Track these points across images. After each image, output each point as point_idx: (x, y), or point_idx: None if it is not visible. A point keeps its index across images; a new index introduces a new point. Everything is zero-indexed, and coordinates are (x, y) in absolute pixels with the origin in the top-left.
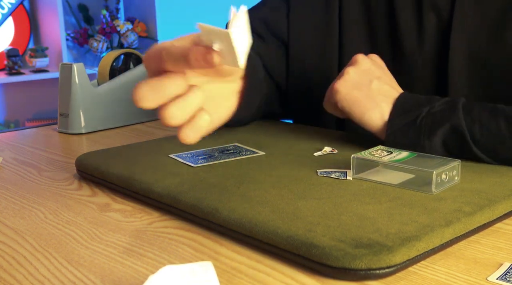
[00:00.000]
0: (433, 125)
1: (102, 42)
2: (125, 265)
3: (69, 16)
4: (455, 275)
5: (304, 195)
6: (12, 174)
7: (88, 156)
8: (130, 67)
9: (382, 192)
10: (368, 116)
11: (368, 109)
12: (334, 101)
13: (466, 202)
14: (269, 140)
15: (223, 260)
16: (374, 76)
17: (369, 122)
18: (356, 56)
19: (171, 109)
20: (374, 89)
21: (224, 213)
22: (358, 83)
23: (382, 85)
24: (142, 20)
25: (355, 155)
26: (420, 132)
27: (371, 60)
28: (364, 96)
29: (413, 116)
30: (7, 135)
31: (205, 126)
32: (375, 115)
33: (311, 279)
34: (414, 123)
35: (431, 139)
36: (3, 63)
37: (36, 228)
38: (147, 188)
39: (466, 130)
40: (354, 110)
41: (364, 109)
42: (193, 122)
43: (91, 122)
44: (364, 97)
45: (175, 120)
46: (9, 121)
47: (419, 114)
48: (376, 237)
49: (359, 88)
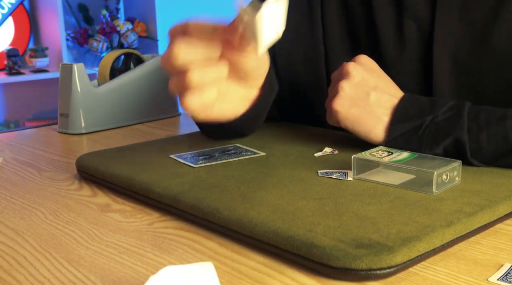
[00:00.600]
0: (436, 136)
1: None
2: (125, 265)
3: (69, 16)
4: (455, 276)
5: (305, 196)
6: (12, 174)
7: (89, 156)
8: (131, 67)
9: (382, 192)
10: (373, 134)
11: (373, 127)
12: (335, 120)
13: (466, 202)
14: (269, 141)
15: (224, 260)
16: (370, 87)
17: (375, 139)
18: (346, 66)
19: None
20: (373, 102)
21: (224, 213)
22: (355, 98)
23: (380, 96)
24: (142, 20)
25: (355, 156)
26: (422, 141)
27: (361, 66)
28: (364, 113)
29: (416, 123)
30: (7, 135)
31: (210, 101)
32: (379, 130)
33: (312, 279)
34: (416, 131)
35: (432, 149)
36: (3, 63)
37: (36, 229)
38: (148, 189)
39: (468, 145)
40: (359, 130)
41: (368, 128)
42: (201, 91)
43: (91, 122)
44: (364, 114)
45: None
46: (9, 121)
47: (422, 123)
48: (376, 237)
49: (358, 104)
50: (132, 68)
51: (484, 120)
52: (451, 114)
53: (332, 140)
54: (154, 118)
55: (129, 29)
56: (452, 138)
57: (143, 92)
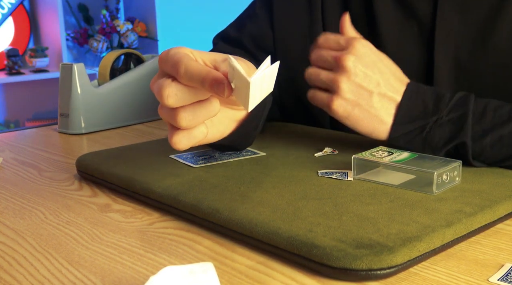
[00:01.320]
0: (439, 140)
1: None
2: (126, 265)
3: (69, 16)
4: (456, 276)
5: (305, 196)
6: (12, 174)
7: (89, 156)
8: (131, 67)
9: (383, 192)
10: (375, 134)
11: (375, 128)
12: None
13: (467, 202)
14: (269, 141)
15: (224, 260)
16: (373, 86)
17: (377, 137)
18: (345, 60)
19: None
20: (376, 103)
21: (224, 213)
22: (356, 99)
23: (383, 96)
24: (142, 20)
25: (356, 156)
26: (425, 143)
27: (361, 61)
28: (367, 114)
29: (420, 124)
30: (7, 135)
31: (200, 138)
32: (382, 130)
33: (312, 279)
34: (420, 132)
35: (435, 152)
36: (3, 63)
37: (36, 229)
38: (148, 189)
39: (471, 148)
40: (360, 129)
41: (371, 128)
42: (190, 131)
43: (91, 122)
44: (367, 116)
45: (184, 123)
46: (9, 121)
47: (425, 124)
48: (377, 237)
49: (359, 105)
50: (132, 68)
51: (489, 122)
52: (455, 116)
53: (332, 140)
54: (154, 118)
55: (129, 29)
56: (456, 142)
57: (143, 92)
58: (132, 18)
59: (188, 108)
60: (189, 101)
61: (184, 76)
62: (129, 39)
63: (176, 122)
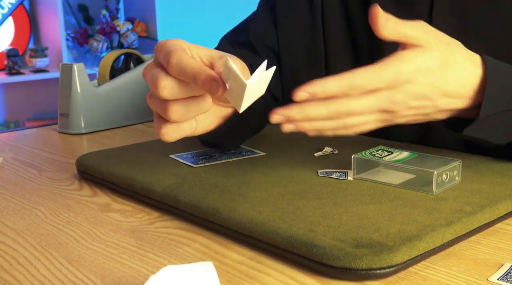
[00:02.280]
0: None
1: (102, 42)
2: (126, 265)
3: (69, 16)
4: (455, 275)
5: (305, 195)
6: (12, 174)
7: (89, 156)
8: (131, 68)
9: (382, 192)
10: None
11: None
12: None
13: (466, 202)
14: (269, 140)
15: (224, 260)
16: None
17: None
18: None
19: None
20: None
21: (224, 213)
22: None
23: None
24: (142, 20)
25: (355, 155)
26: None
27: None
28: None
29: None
30: (7, 135)
31: (189, 132)
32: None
33: (312, 279)
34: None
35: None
36: (3, 63)
37: (36, 228)
38: (148, 188)
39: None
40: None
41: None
42: (179, 125)
43: (91, 122)
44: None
45: (175, 117)
46: (9, 121)
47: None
48: (376, 237)
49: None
50: (132, 68)
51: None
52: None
53: (332, 139)
54: None
55: (129, 29)
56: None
57: (143, 92)
58: (132, 18)
59: (181, 102)
60: (183, 95)
61: (175, 67)
62: (129, 39)
63: (167, 115)
